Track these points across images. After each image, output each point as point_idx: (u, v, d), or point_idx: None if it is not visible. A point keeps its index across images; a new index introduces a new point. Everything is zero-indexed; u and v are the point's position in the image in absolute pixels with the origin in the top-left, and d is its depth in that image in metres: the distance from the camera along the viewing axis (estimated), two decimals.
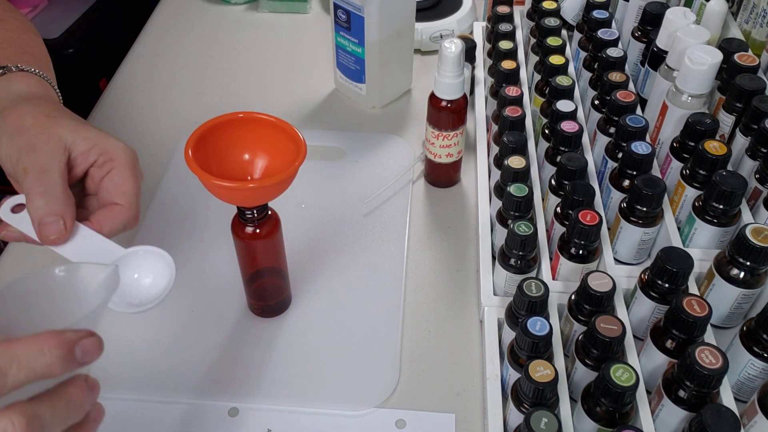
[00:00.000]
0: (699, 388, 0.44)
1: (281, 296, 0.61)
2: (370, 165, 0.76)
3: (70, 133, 0.48)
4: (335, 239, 0.68)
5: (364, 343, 0.59)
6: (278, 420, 0.54)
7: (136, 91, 0.88)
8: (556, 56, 0.71)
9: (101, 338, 0.37)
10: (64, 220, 0.45)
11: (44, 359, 0.34)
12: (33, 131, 0.47)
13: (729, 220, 0.56)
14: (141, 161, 0.50)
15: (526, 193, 0.58)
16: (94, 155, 0.48)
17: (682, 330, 0.48)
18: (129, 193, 0.48)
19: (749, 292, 0.53)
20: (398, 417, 0.54)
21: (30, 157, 0.46)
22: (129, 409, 0.55)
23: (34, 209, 0.45)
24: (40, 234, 0.45)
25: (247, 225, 0.52)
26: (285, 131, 0.50)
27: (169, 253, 0.46)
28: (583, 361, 0.49)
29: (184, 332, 0.60)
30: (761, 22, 0.70)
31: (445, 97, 0.66)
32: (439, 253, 0.67)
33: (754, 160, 0.59)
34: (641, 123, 0.61)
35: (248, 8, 1.03)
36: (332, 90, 0.87)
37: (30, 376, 0.34)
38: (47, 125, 0.48)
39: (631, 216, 0.58)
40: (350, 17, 0.76)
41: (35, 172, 0.45)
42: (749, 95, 0.60)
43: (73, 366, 0.36)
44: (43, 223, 0.44)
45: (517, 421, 0.47)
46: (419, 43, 0.91)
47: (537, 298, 0.50)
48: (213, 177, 0.45)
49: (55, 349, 0.35)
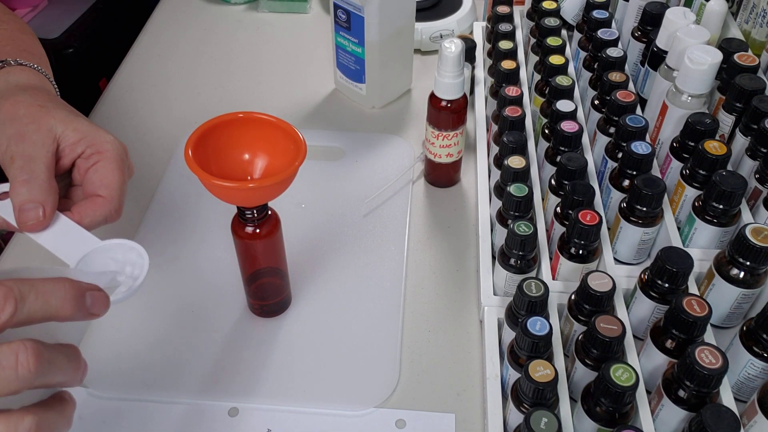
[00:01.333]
0: (699, 388, 0.44)
1: (281, 296, 0.61)
2: (370, 165, 0.76)
3: (60, 124, 0.48)
4: (335, 239, 0.68)
5: (364, 343, 0.59)
6: (278, 420, 0.54)
7: (136, 91, 0.88)
8: (556, 56, 0.71)
9: (109, 296, 0.40)
10: (44, 208, 0.46)
11: (60, 293, 0.36)
12: (24, 120, 0.48)
13: (729, 220, 0.56)
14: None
15: (526, 193, 0.58)
16: (82, 146, 0.49)
17: (682, 330, 0.48)
18: (112, 186, 0.49)
19: (749, 292, 0.53)
20: (398, 417, 0.54)
21: (18, 146, 0.46)
22: (129, 409, 0.55)
23: (16, 196, 0.45)
24: (19, 220, 0.46)
25: (247, 225, 0.52)
26: (285, 131, 0.50)
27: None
28: (583, 361, 0.49)
29: (184, 332, 0.60)
30: (761, 22, 0.70)
31: (445, 97, 0.66)
32: (439, 253, 0.67)
33: (754, 160, 0.59)
34: (641, 123, 0.61)
35: (248, 8, 1.03)
36: (332, 90, 0.87)
37: (44, 309, 0.35)
38: (39, 115, 0.48)
39: (631, 216, 0.58)
40: (350, 17, 0.76)
41: (21, 161, 0.46)
42: (749, 95, 0.60)
43: (82, 312, 0.37)
44: (23, 209, 0.45)
45: (517, 421, 0.47)
46: (419, 43, 0.91)
47: (537, 298, 0.50)
48: (213, 177, 0.45)
49: (70, 288, 0.37)
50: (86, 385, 0.56)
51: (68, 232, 0.47)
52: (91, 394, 0.56)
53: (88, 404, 0.55)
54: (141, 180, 0.74)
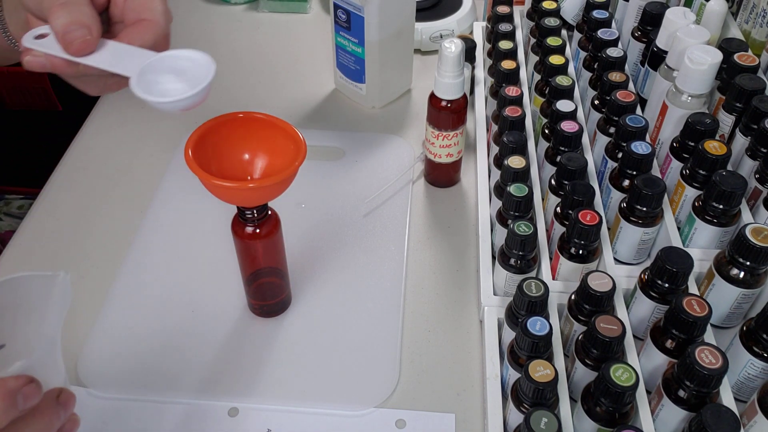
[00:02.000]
0: (699, 388, 0.44)
1: (281, 296, 0.61)
2: (370, 165, 0.76)
3: None
4: (335, 239, 0.68)
5: (364, 343, 0.59)
6: (278, 420, 0.54)
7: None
8: (556, 56, 0.71)
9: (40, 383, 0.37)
10: (89, 27, 0.43)
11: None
12: None
13: (729, 220, 0.56)
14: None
15: (526, 193, 0.58)
16: None
17: (682, 330, 0.48)
18: (155, 9, 0.46)
19: (749, 292, 0.53)
20: (398, 417, 0.54)
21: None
22: (129, 409, 0.55)
23: (56, 19, 0.43)
24: (64, 42, 0.43)
25: (247, 225, 0.52)
26: (285, 131, 0.50)
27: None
28: (583, 361, 0.49)
29: (184, 332, 0.60)
30: (761, 22, 0.70)
31: (445, 97, 0.66)
32: (439, 253, 0.67)
33: (754, 160, 0.59)
34: (641, 123, 0.61)
35: (248, 8, 1.02)
36: (332, 90, 0.87)
37: None
38: None
39: (631, 216, 0.58)
40: (350, 17, 0.76)
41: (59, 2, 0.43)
42: (749, 95, 0.60)
43: (15, 414, 0.36)
44: (67, 31, 0.43)
45: (517, 421, 0.47)
46: (419, 43, 0.91)
47: (537, 298, 0.50)
48: (213, 177, 0.45)
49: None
50: (86, 385, 0.56)
51: (121, 50, 0.44)
52: (91, 394, 0.56)
53: (88, 404, 0.55)
54: (141, 180, 0.74)
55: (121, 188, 0.74)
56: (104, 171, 0.76)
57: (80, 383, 0.56)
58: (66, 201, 0.73)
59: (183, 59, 0.44)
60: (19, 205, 0.94)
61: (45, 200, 0.73)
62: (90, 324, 0.61)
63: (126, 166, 0.76)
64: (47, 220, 0.70)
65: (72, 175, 0.76)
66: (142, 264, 0.66)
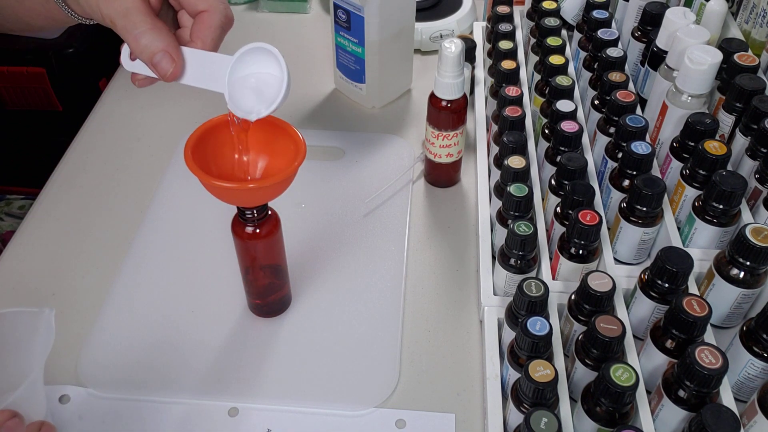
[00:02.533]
0: (699, 388, 0.44)
1: (281, 296, 0.61)
2: (370, 165, 0.76)
3: None
4: (335, 239, 0.68)
5: (364, 343, 0.59)
6: (278, 420, 0.54)
7: (136, 91, 0.87)
8: (556, 56, 0.71)
9: (23, 417, 0.39)
10: (169, 53, 0.46)
11: None
12: None
13: (729, 220, 0.56)
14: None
15: (526, 193, 0.58)
16: None
17: (682, 330, 0.48)
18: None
19: (749, 292, 0.53)
20: (398, 417, 0.54)
21: (108, 7, 0.46)
22: (129, 409, 0.55)
23: (141, 53, 0.46)
24: (157, 72, 0.46)
25: (247, 225, 0.52)
26: (285, 131, 0.50)
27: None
28: (583, 361, 0.49)
29: (184, 332, 0.60)
30: (761, 22, 0.70)
31: (445, 97, 0.66)
32: (439, 253, 0.67)
33: (754, 160, 0.59)
34: (641, 123, 0.61)
35: (248, 8, 1.03)
36: (332, 90, 0.87)
37: None
38: None
39: (631, 216, 0.58)
40: (350, 17, 0.76)
41: (121, 20, 0.46)
42: (749, 95, 0.60)
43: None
44: (154, 62, 0.46)
45: (517, 421, 0.47)
46: (419, 43, 0.91)
47: (537, 298, 0.50)
48: (212, 178, 0.45)
49: None
50: (86, 385, 0.56)
51: (202, 63, 0.47)
52: (91, 394, 0.56)
53: (88, 404, 0.55)
54: (141, 180, 0.74)
55: (121, 188, 0.74)
56: (104, 171, 0.76)
57: (80, 383, 0.56)
58: (66, 201, 0.73)
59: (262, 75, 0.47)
60: (20, 205, 0.94)
61: (45, 200, 0.73)
62: (90, 324, 0.61)
63: (126, 166, 0.77)
64: (47, 220, 0.70)
65: (72, 175, 0.76)
66: (142, 264, 0.66)
